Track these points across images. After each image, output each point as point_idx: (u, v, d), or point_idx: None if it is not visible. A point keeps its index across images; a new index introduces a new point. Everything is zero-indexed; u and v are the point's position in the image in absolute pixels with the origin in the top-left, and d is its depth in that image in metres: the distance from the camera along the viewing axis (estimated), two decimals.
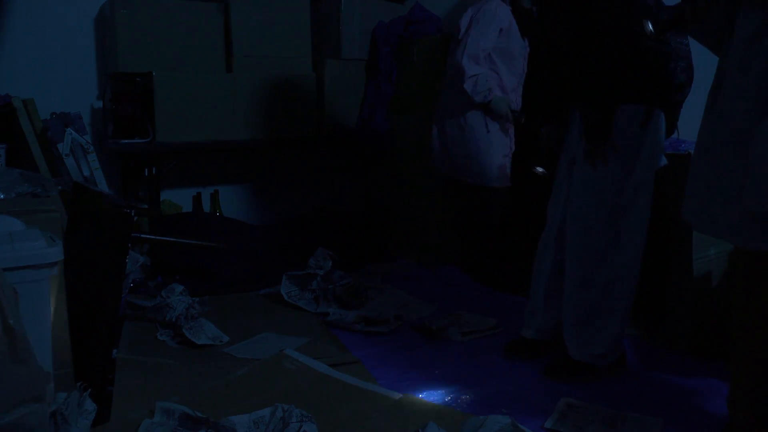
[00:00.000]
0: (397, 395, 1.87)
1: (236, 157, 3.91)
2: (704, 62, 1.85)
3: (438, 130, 3.15)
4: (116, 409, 1.76)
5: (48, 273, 1.60)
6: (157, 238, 2.92)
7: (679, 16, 1.58)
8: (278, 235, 3.48)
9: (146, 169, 3.43)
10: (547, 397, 1.90)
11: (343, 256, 3.00)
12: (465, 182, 3.08)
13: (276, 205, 4.02)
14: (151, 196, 3.42)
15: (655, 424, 1.73)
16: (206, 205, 3.75)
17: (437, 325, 2.46)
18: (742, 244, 1.45)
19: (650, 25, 1.64)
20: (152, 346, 2.29)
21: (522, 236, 2.51)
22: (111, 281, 1.97)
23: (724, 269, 2.27)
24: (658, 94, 1.90)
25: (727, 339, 1.57)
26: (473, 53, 2.88)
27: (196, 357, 2.20)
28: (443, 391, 1.97)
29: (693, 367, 2.11)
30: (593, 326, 2.02)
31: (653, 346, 2.29)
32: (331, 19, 3.77)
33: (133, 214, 1.84)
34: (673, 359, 2.18)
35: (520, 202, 3.05)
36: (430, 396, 1.92)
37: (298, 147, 3.94)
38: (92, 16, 3.54)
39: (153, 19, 3.31)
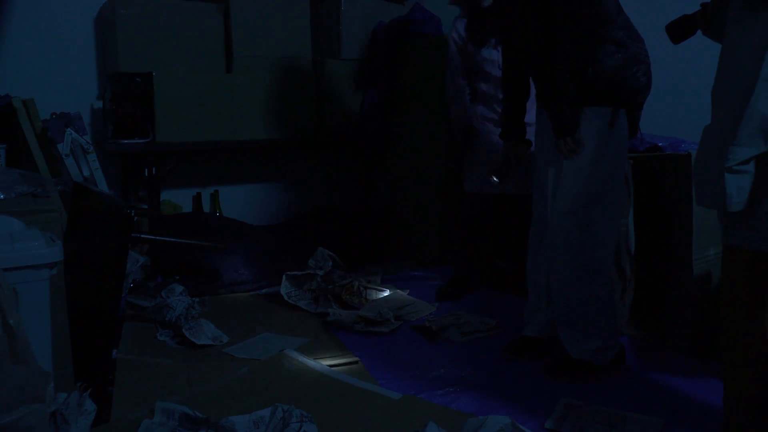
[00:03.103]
0: (397, 395, 1.87)
1: (236, 157, 3.91)
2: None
3: None
4: (116, 409, 1.76)
5: (48, 273, 1.60)
6: (157, 238, 2.91)
7: (693, 23, 1.65)
8: (278, 235, 3.48)
9: (146, 169, 3.42)
10: (547, 397, 1.90)
11: (343, 256, 3.00)
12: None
13: (276, 205, 4.02)
14: (151, 196, 3.42)
15: (655, 424, 1.73)
16: (206, 205, 3.75)
17: (437, 325, 2.46)
18: (722, 238, 1.51)
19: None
20: (152, 346, 2.29)
21: (522, 236, 2.52)
22: (111, 281, 1.97)
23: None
24: (621, 96, 2.00)
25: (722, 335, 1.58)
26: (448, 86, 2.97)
27: (196, 357, 2.20)
28: (443, 391, 1.97)
29: (693, 367, 2.11)
30: (583, 320, 2.04)
31: (653, 346, 2.29)
32: (331, 19, 3.77)
33: (133, 214, 1.84)
34: (673, 359, 2.18)
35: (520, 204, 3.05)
36: (430, 396, 1.92)
37: (298, 147, 3.94)
38: (92, 17, 3.53)
39: (153, 19, 3.30)
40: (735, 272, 1.47)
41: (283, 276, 2.78)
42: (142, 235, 2.87)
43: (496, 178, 2.36)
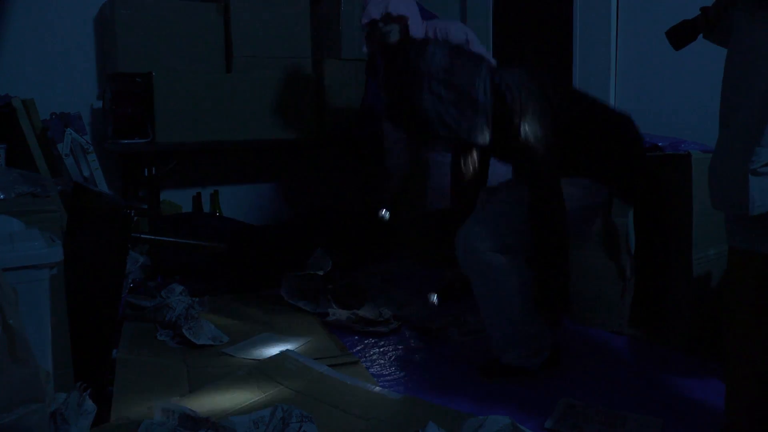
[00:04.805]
0: (397, 395, 1.87)
1: (236, 157, 3.91)
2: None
3: None
4: (116, 409, 1.76)
5: (48, 273, 1.60)
6: (157, 238, 2.92)
7: (694, 28, 1.64)
8: (278, 235, 3.48)
9: (146, 169, 3.42)
10: (547, 397, 1.90)
11: (343, 256, 3.00)
12: None
13: (276, 205, 4.02)
14: (151, 196, 3.42)
15: (655, 424, 1.73)
16: (206, 205, 3.75)
17: (437, 325, 2.46)
18: (727, 240, 1.50)
19: None
20: (152, 346, 2.29)
21: None
22: (111, 281, 1.97)
23: (724, 269, 2.27)
24: None
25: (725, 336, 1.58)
26: None
27: (196, 357, 2.20)
28: (443, 391, 1.97)
29: (693, 367, 2.11)
30: (508, 330, 2.02)
31: (653, 346, 2.29)
32: (331, 19, 3.77)
33: (133, 214, 1.84)
34: (673, 359, 2.18)
35: None
36: (430, 396, 1.92)
37: (298, 147, 3.94)
38: (92, 17, 3.54)
39: (153, 19, 3.31)
40: (745, 275, 1.46)
41: (283, 276, 2.78)
42: (142, 235, 2.87)
43: (436, 301, 2.35)
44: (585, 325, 2.46)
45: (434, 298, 2.33)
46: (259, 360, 2.13)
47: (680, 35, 1.67)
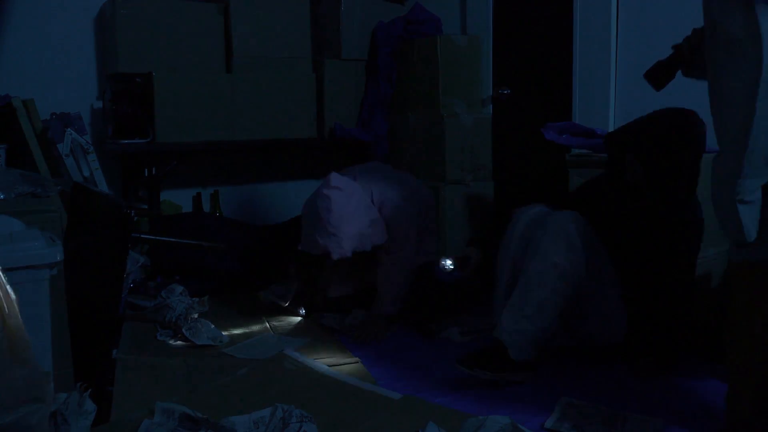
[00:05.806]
0: (397, 395, 1.87)
1: (236, 157, 3.91)
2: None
3: None
4: (116, 409, 1.76)
5: (48, 273, 1.60)
6: (157, 238, 2.92)
7: (671, 67, 1.71)
8: (278, 235, 3.48)
9: (146, 169, 3.42)
10: (547, 397, 1.90)
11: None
12: None
13: (276, 205, 4.02)
14: (151, 196, 3.42)
15: (655, 424, 1.73)
16: (206, 205, 3.75)
17: (437, 325, 2.46)
18: (730, 255, 1.53)
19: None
20: (152, 346, 2.29)
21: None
22: (111, 281, 1.98)
23: (724, 269, 2.27)
24: None
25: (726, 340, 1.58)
26: None
27: (196, 357, 2.20)
28: (443, 391, 1.97)
29: (693, 367, 2.11)
30: (528, 298, 2.00)
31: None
32: (331, 19, 3.77)
33: (133, 214, 1.84)
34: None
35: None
36: (430, 396, 1.92)
37: (298, 147, 3.94)
38: (92, 16, 3.53)
39: (153, 19, 3.31)
40: (745, 285, 1.48)
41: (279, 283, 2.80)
42: (142, 235, 2.87)
43: (451, 264, 2.36)
44: None
45: (447, 263, 2.33)
46: (259, 360, 2.13)
47: (658, 75, 1.72)
